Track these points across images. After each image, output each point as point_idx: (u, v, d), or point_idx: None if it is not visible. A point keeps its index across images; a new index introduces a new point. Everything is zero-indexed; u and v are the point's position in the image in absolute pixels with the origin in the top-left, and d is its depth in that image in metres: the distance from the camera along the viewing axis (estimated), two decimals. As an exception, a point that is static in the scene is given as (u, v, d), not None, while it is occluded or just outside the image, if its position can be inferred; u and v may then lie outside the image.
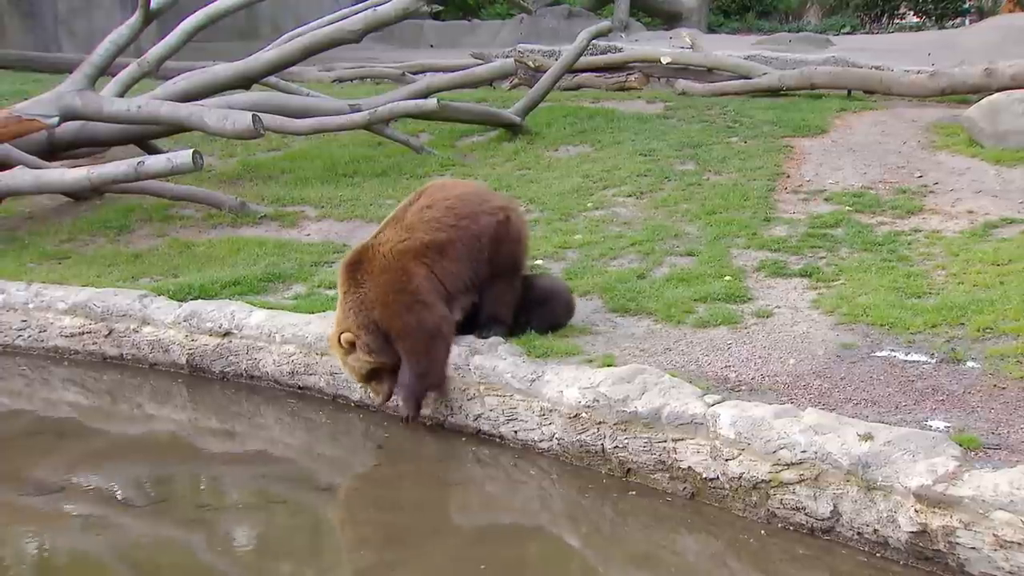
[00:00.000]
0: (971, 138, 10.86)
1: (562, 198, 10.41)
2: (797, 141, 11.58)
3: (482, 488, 6.46)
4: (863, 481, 5.06)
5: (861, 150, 11.09)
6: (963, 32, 22.18)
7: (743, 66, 14.95)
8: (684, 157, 11.34)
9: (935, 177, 10.07)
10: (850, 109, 12.83)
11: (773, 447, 5.38)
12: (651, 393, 5.99)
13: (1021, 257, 7.81)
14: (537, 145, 12.50)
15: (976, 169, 10.15)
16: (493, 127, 13.14)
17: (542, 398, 6.41)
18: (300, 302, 8.36)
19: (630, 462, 5.98)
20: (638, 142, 12.05)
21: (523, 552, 5.67)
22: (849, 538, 5.16)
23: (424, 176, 11.75)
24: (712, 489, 5.65)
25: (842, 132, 11.84)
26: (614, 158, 11.52)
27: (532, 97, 13.29)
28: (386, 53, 23.23)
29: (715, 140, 11.88)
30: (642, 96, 14.69)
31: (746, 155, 11.16)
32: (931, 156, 10.74)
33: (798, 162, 10.89)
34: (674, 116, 13.23)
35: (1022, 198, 9.24)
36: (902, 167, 10.47)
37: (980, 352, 6.41)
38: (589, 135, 12.60)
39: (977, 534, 4.66)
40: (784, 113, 12.75)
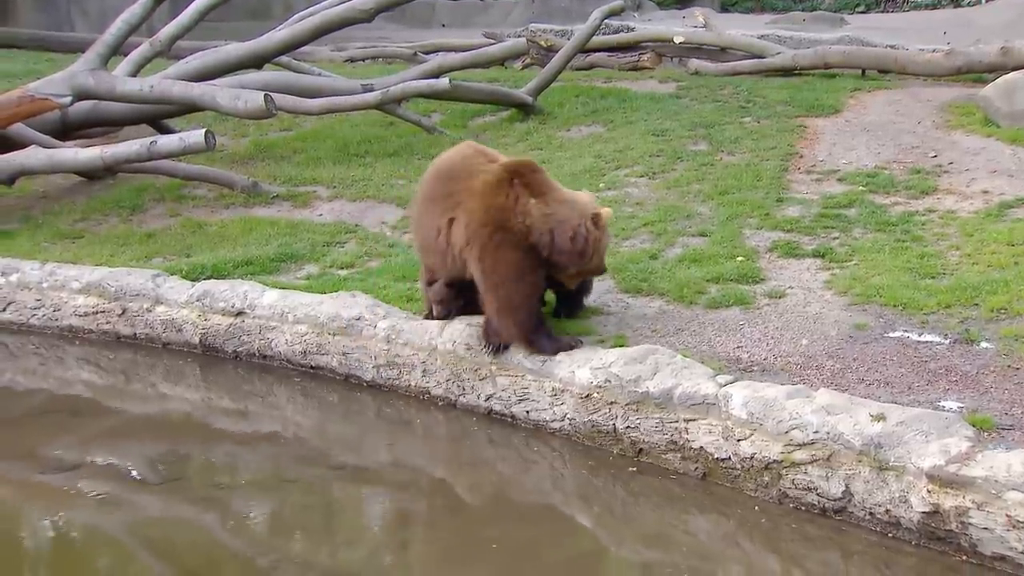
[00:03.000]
0: (987, 117, 10.77)
1: (574, 178, 10.36)
2: (811, 121, 11.51)
3: (494, 468, 6.47)
4: (875, 461, 5.06)
5: (875, 130, 11.02)
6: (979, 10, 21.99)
7: (756, 45, 14.85)
8: (697, 137, 11.29)
9: (950, 157, 10.00)
10: (864, 88, 12.74)
11: (785, 427, 5.38)
12: (663, 374, 5.99)
13: (1037, 238, 7.76)
14: (549, 125, 12.45)
15: (991, 149, 10.07)
16: (505, 107, 13.09)
17: (554, 378, 6.42)
18: (312, 282, 8.37)
19: (642, 442, 5.99)
20: (650, 122, 11.99)
21: (535, 532, 5.69)
22: (861, 518, 5.16)
23: (436, 156, 11.68)
24: (724, 469, 5.66)
25: (856, 112, 11.76)
26: (626, 138, 11.48)
27: (544, 77, 13.24)
28: (398, 33, 23.16)
29: (728, 120, 11.81)
30: (654, 76, 14.62)
31: (759, 135, 11.10)
32: (946, 136, 10.66)
33: (811, 142, 10.82)
34: (687, 96, 13.16)
35: (1038, 178, 9.18)
36: (916, 147, 10.40)
37: (994, 333, 6.38)
38: (601, 115, 12.55)
39: (990, 514, 4.66)
40: (798, 93, 12.66)
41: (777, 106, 12.17)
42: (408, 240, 9.37)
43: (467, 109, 13.33)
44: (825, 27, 20.07)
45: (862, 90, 12.65)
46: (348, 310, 7.47)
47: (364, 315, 7.40)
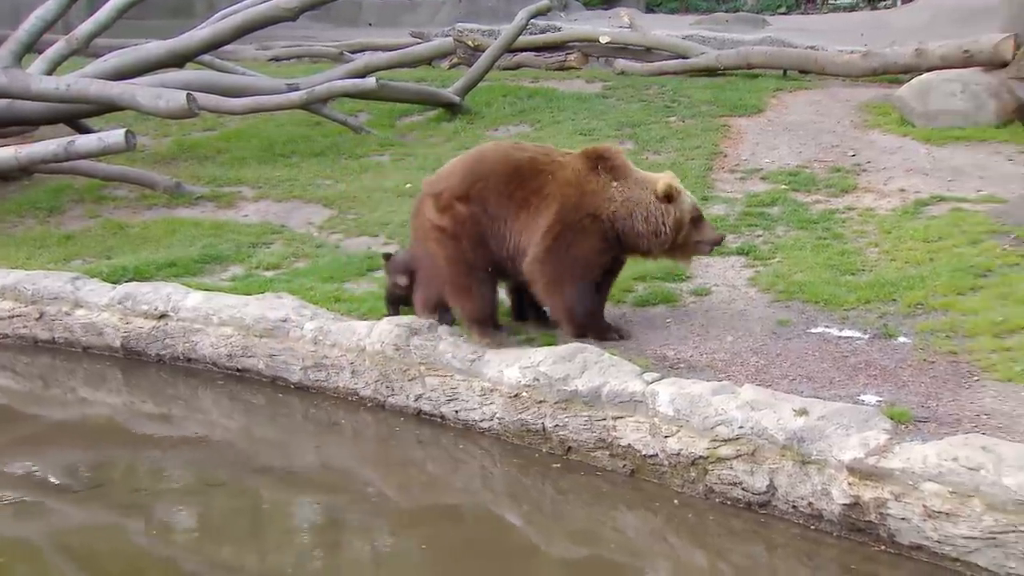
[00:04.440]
0: (902, 117, 11.05)
1: (502, 178, 10.37)
2: (734, 120, 11.69)
3: (424, 468, 6.45)
4: (798, 455, 5.15)
5: (796, 129, 11.23)
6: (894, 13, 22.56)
7: (681, 46, 15.03)
8: (623, 136, 11.39)
9: (868, 156, 10.23)
10: (786, 89, 12.99)
11: (711, 423, 5.45)
12: (591, 372, 6.03)
13: (950, 234, 7.97)
14: (477, 125, 12.47)
15: (907, 148, 10.33)
16: (432, 107, 13.08)
17: (483, 378, 6.42)
18: (238, 284, 8.27)
19: (571, 440, 6.02)
20: (577, 121, 12.07)
21: (465, 532, 5.69)
22: (785, 511, 5.25)
23: (363, 156, 11.68)
24: (651, 466, 5.71)
25: (778, 111, 11.97)
26: (554, 137, 11.52)
27: (471, 76, 13.25)
28: (324, 32, 22.98)
29: (654, 119, 11.94)
30: (581, 76, 14.72)
31: (684, 134, 11.24)
32: (864, 135, 10.90)
33: (735, 141, 10.99)
34: (613, 96, 13.28)
35: (951, 176, 9.43)
36: (836, 146, 10.62)
37: (911, 327, 6.55)
38: (529, 114, 12.59)
39: (907, 505, 4.77)
40: (721, 93, 12.85)
41: (702, 106, 12.34)
42: (335, 241, 9.32)
43: (394, 108, 13.28)
44: (748, 28, 20.41)
45: (784, 90, 12.89)
46: (274, 312, 7.39)
47: (291, 316, 7.32)
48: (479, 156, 6.86)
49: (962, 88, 10.75)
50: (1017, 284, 6.85)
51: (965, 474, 4.61)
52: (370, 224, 9.56)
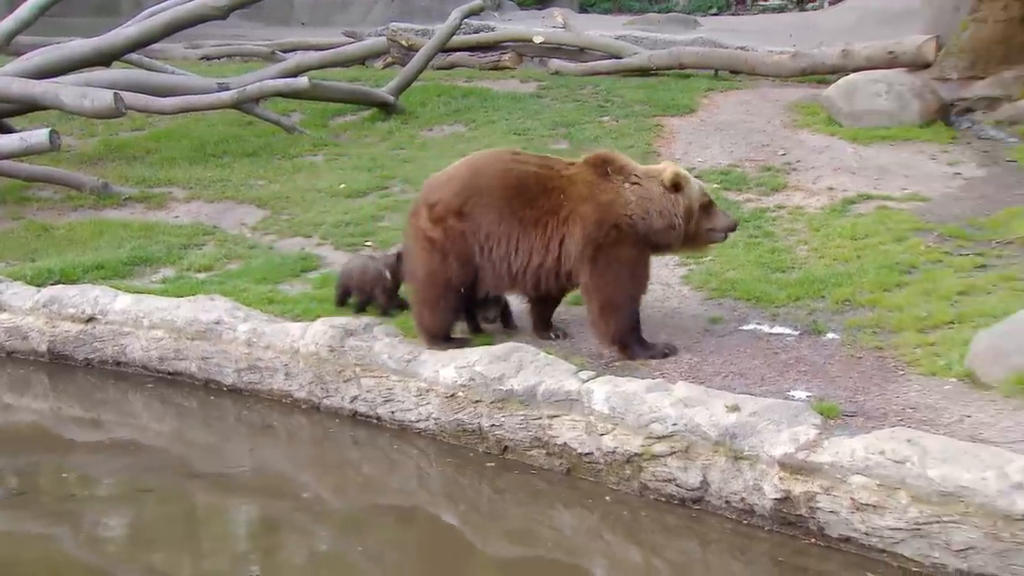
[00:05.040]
0: (830, 117, 11.26)
1: (437, 178, 10.36)
2: (667, 120, 11.80)
3: (359, 470, 6.42)
4: (731, 451, 5.22)
5: (728, 129, 11.37)
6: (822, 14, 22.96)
7: (614, 46, 15.14)
8: (558, 136, 11.44)
9: (797, 155, 10.40)
10: (717, 89, 13.15)
11: (645, 421, 5.50)
12: (527, 371, 6.05)
13: (876, 232, 8.14)
14: (411, 124, 12.43)
15: (835, 147, 10.52)
16: (366, 106, 13.01)
17: (419, 378, 6.40)
18: (169, 286, 8.14)
19: (507, 440, 6.03)
20: (512, 121, 12.09)
21: (401, 533, 5.67)
22: (718, 507, 5.31)
23: (296, 156, 11.57)
24: (587, 464, 5.75)
25: (710, 111, 12.12)
26: (488, 137, 11.54)
27: (405, 76, 13.20)
28: (255, 31, 22.72)
29: (588, 119, 12.01)
30: (516, 75, 14.75)
31: (618, 134, 11.32)
32: (793, 134, 11.08)
33: (668, 141, 11.10)
34: (547, 95, 13.33)
35: (877, 175, 9.63)
36: (766, 145, 10.78)
37: (839, 324, 6.67)
38: (463, 114, 12.59)
39: (836, 498, 4.86)
40: (654, 92, 12.97)
41: (635, 105, 12.44)
42: (269, 241, 9.22)
43: (328, 108, 13.18)
44: (679, 28, 20.63)
45: (715, 90, 13.05)
46: (207, 314, 7.29)
47: (224, 318, 7.23)
48: (476, 168, 6.69)
49: (887, 88, 10.98)
50: (940, 280, 7.02)
51: (891, 467, 4.71)
52: (304, 224, 9.47)
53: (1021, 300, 6.38)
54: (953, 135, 10.69)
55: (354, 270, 7.41)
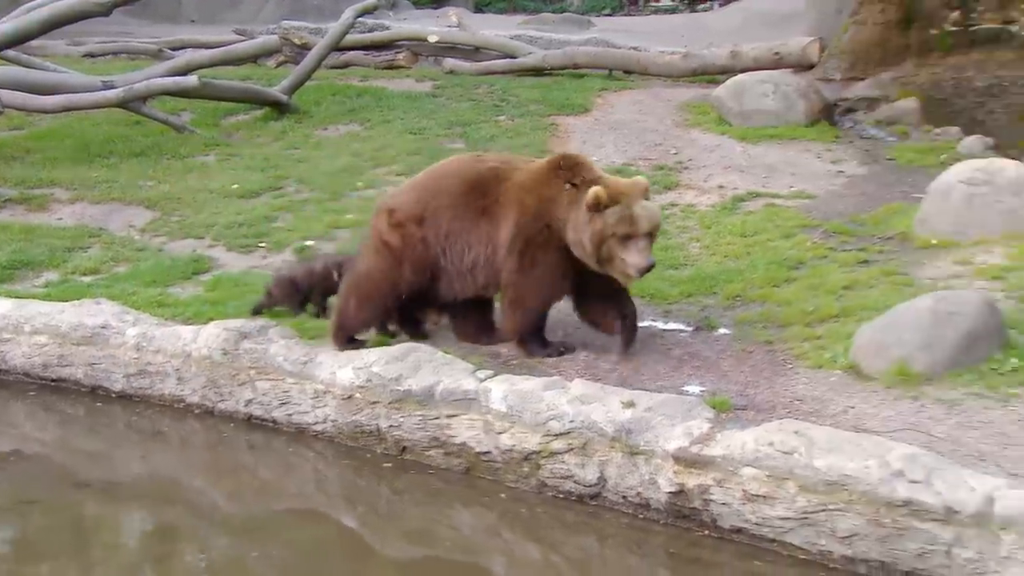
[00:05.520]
0: (720, 116, 11.50)
1: (332, 177, 10.28)
2: (562, 119, 11.90)
3: (255, 474, 6.32)
4: (627, 447, 5.29)
5: (622, 128, 11.52)
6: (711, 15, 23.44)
7: (509, 46, 15.20)
8: (453, 135, 11.44)
9: (689, 154, 10.60)
10: (611, 88, 13.30)
11: (543, 419, 5.54)
12: (424, 371, 6.04)
13: (765, 229, 8.35)
14: (305, 124, 12.28)
15: (725, 146, 10.76)
16: (259, 105, 12.80)
17: (316, 380, 6.34)
18: (53, 290, 7.89)
19: (405, 440, 6.01)
20: (408, 120, 12.05)
21: (298, 536, 5.59)
22: (615, 502, 5.38)
23: (187, 156, 11.33)
24: (485, 463, 5.76)
25: (604, 111, 12.26)
26: (384, 137, 11.48)
27: (298, 75, 13.04)
28: (142, 28, 22.12)
29: (483, 118, 12.03)
30: (411, 75, 14.70)
31: (514, 133, 11.37)
32: (685, 134, 11.29)
33: (563, 140, 11.19)
34: (443, 95, 13.31)
35: (766, 173, 9.88)
36: (659, 144, 10.96)
37: (730, 319, 6.82)
38: (358, 113, 12.49)
39: (728, 490, 4.97)
40: (549, 92, 13.07)
41: (530, 105, 12.51)
42: (159, 244, 9.01)
43: (219, 107, 12.93)
44: (574, 29, 20.79)
45: (609, 90, 13.20)
46: (93, 318, 7.08)
47: (111, 323, 7.04)
48: (438, 173, 6.67)
49: (774, 89, 11.27)
50: (826, 275, 7.24)
51: (780, 458, 4.84)
52: (196, 226, 9.28)
53: (901, 294, 6.62)
54: (837, 134, 11.03)
55: (296, 274, 7.30)
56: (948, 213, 7.64)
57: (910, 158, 10.15)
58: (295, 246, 8.61)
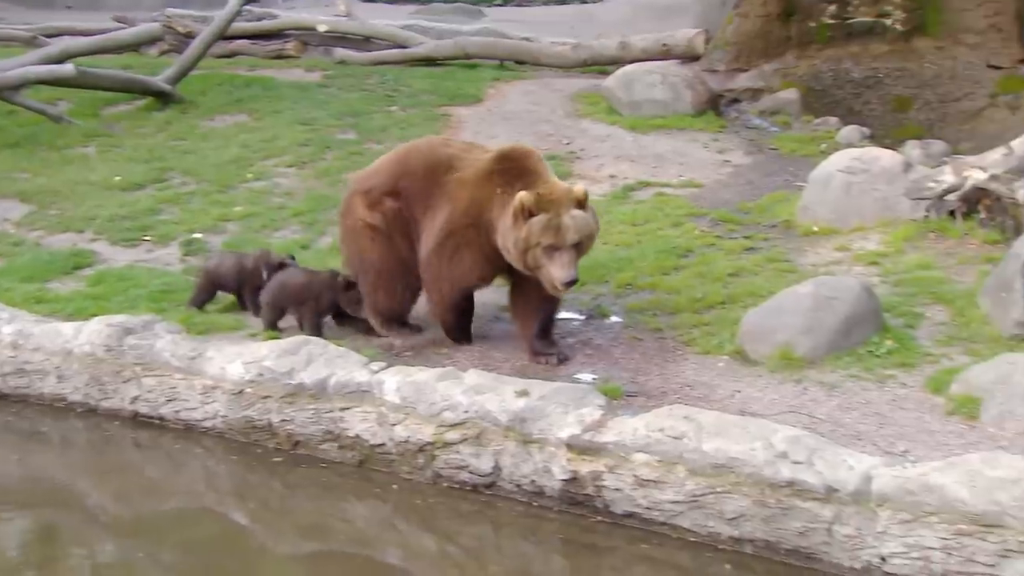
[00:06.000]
0: (611, 107, 11.63)
1: (220, 169, 10.07)
2: (454, 109, 11.88)
3: (142, 473, 6.17)
4: (521, 435, 5.33)
5: (514, 118, 11.56)
6: (600, 6, 23.57)
7: (400, 35, 15.10)
8: (345, 126, 11.32)
9: (581, 144, 10.69)
10: (503, 79, 13.32)
11: (437, 409, 5.54)
12: (317, 364, 5.98)
13: (655, 218, 8.48)
14: (191, 114, 12.00)
15: (616, 136, 10.89)
16: (141, 95, 12.44)
17: (204, 376, 6.22)
18: (-77, 289, 7.54)
19: (298, 434, 5.94)
20: (298, 111, 11.87)
21: (188, 536, 5.49)
22: (510, 491, 5.41)
23: (65, 148, 10.95)
24: (380, 455, 5.73)
25: (496, 101, 12.28)
26: (273, 127, 11.29)
27: (183, 64, 12.72)
28: (15, 14, 21.25)
29: (375, 109, 11.94)
30: (300, 64, 14.49)
31: (406, 124, 11.31)
32: (577, 124, 11.38)
33: (456, 130, 11.17)
34: (333, 85, 13.16)
35: (655, 163, 10.03)
36: (552, 135, 11.03)
37: (622, 307, 6.92)
38: (246, 104, 12.26)
39: (620, 476, 5.05)
40: (441, 82, 13.03)
41: (422, 95, 12.46)
42: (36, 238, 8.72)
43: (99, 97, 12.53)
44: (465, 18, 20.73)
45: (501, 80, 13.23)
46: (-34, 316, 6.81)
47: (-15, 321, 6.78)
48: (407, 152, 6.62)
49: (662, 79, 11.45)
50: (713, 263, 7.40)
51: (670, 443, 4.94)
52: (76, 220, 8.98)
53: (784, 280, 6.81)
54: (723, 124, 11.26)
55: (225, 267, 7.10)
56: (828, 201, 7.88)
57: (792, 147, 10.44)
58: (182, 239, 8.42)
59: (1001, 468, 4.43)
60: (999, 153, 7.31)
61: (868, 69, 11.95)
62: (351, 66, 14.25)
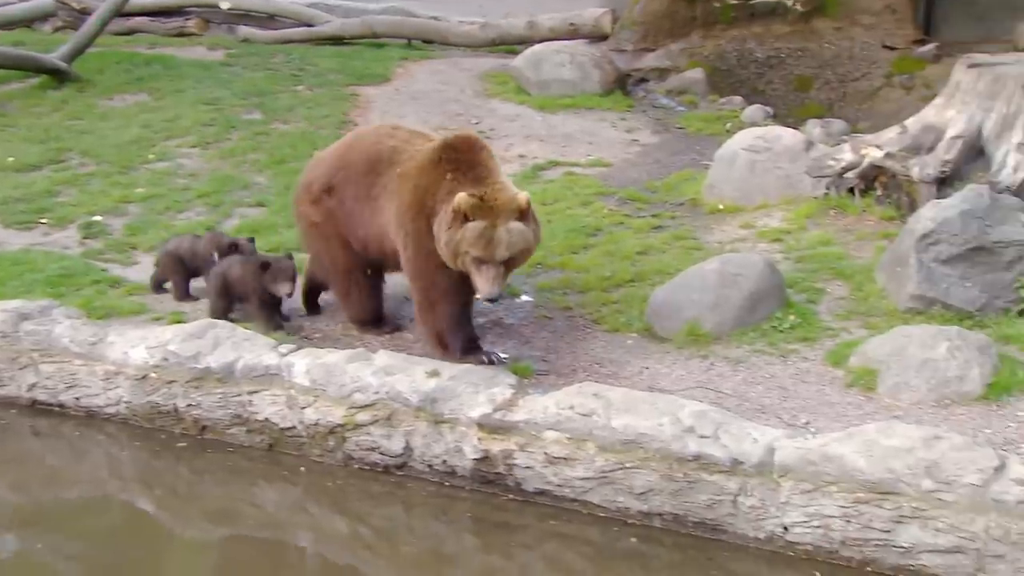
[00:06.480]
0: (519, 86, 11.64)
1: (120, 150, 9.81)
2: (362, 89, 11.76)
3: (42, 462, 6.01)
4: (432, 416, 5.33)
5: (422, 98, 11.49)
6: (510, -14, 23.58)
7: (305, 13, 14.87)
8: (250, 106, 11.11)
9: (491, 123, 10.68)
10: (411, 58, 13.23)
11: (347, 391, 5.51)
12: (224, 347, 5.89)
13: (564, 197, 8.53)
14: (88, 93, 11.64)
15: (525, 115, 10.90)
16: (35, 73, 12.03)
17: (106, 361, 6.07)
18: None
19: (205, 419, 5.85)
20: (201, 90, 11.62)
21: (91, 525, 5.38)
22: (421, 471, 5.42)
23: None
24: (290, 438, 5.68)
25: (404, 80, 12.18)
26: (176, 107, 11.03)
27: (79, 41, 12.32)
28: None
29: (281, 88, 11.75)
30: (203, 42, 14.16)
31: (313, 103, 11.16)
32: (486, 103, 11.37)
33: (364, 110, 11.07)
34: (237, 64, 12.90)
35: (564, 142, 10.08)
36: (461, 114, 10.99)
37: (532, 286, 6.94)
38: (147, 83, 11.94)
39: (531, 454, 5.09)
40: (348, 61, 12.88)
41: (329, 74, 12.30)
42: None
43: (-11, 75, 12.09)
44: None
45: (409, 59, 13.12)
46: None
47: None
48: (350, 142, 6.35)
49: (570, 59, 11.50)
50: (621, 242, 7.48)
51: (580, 420, 5.00)
52: (-36, 203, 8.67)
53: (692, 257, 6.92)
54: (630, 103, 11.37)
55: (183, 249, 6.86)
56: (733, 179, 8.02)
57: (698, 127, 10.59)
58: (81, 222, 8.18)
59: (896, 437, 4.59)
60: (894, 132, 7.51)
61: (771, 49, 12.18)
62: (255, 44, 13.98)
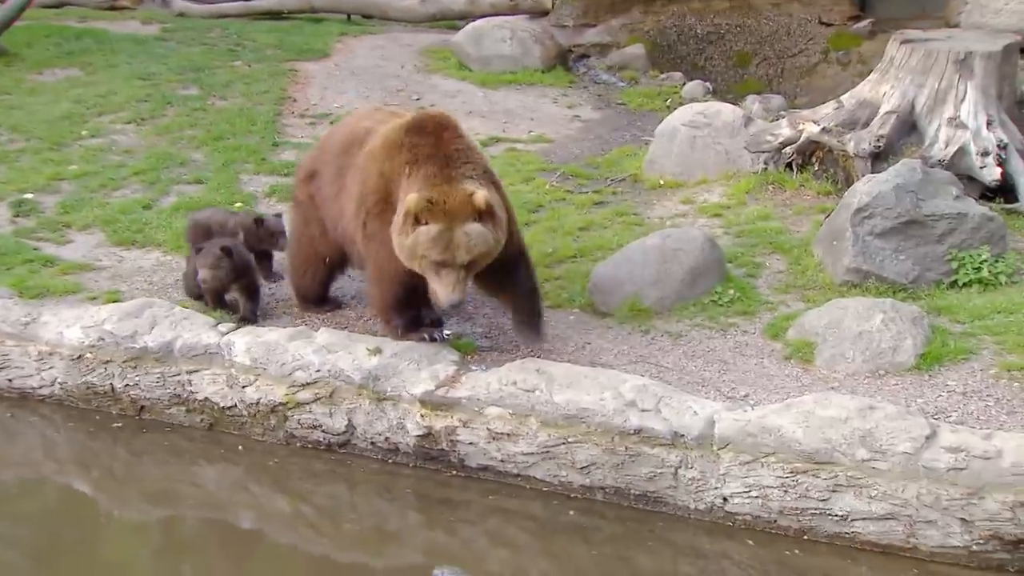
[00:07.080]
0: (460, 62, 11.58)
1: (51, 126, 9.58)
2: (301, 65, 11.61)
3: (-26, 446, 5.90)
4: (374, 393, 5.31)
5: (363, 74, 11.38)
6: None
7: (243, -13, 14.64)
8: (186, 81, 10.92)
9: (431, 99, 10.61)
10: (351, 33, 13.09)
11: (288, 369, 5.47)
12: (162, 327, 5.81)
13: (507, 173, 8.47)
14: (16, 68, 11.35)
15: (466, 91, 10.85)
16: (-40, 47, 11.71)
17: (39, 341, 5.95)
18: None
19: (143, 399, 5.78)
20: (135, 65, 11.39)
21: (25, 507, 5.29)
22: (364, 449, 5.41)
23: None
24: (230, 417, 5.63)
25: (344, 56, 12.06)
26: (109, 82, 10.80)
27: (5, 14, 11.99)
28: None
29: (218, 63, 11.55)
30: (136, 16, 13.89)
31: (251, 79, 11.00)
32: (427, 79, 11.29)
33: (303, 86, 10.94)
34: (173, 38, 12.66)
35: (506, 118, 10.06)
36: (401, 90, 10.91)
37: (475, 263, 6.93)
38: (78, 57, 11.68)
39: (474, 430, 5.11)
40: (287, 37, 12.71)
41: (267, 50, 12.13)
42: None
43: (-90, 49, 11.73)
44: (311, -29, 20.23)
45: (348, 35, 12.99)
46: None
47: None
48: (335, 126, 6.26)
49: (511, 35, 11.46)
50: (564, 218, 7.49)
51: (522, 396, 5.01)
52: None
53: (633, 233, 6.96)
54: (572, 79, 11.37)
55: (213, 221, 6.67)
56: (673, 155, 8.07)
57: (639, 102, 10.62)
58: (12, 200, 7.99)
59: (832, 408, 4.67)
60: (831, 107, 7.61)
61: (710, 25, 12.24)
62: (191, 19, 13.75)
